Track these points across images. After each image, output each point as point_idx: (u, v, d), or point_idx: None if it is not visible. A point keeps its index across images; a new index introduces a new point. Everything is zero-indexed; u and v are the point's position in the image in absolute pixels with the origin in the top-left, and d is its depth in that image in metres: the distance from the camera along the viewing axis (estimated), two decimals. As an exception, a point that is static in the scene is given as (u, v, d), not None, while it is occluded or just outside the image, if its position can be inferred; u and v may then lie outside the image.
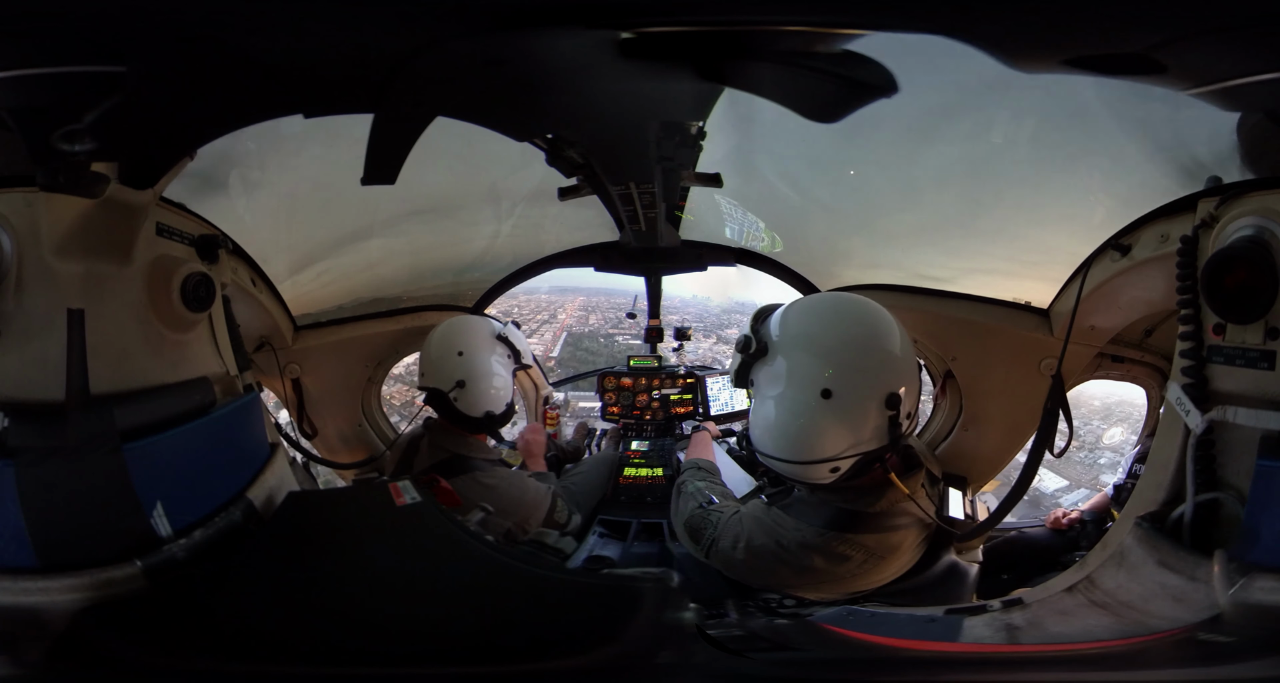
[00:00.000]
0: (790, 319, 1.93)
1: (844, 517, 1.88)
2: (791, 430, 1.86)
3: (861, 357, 1.84)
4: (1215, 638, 1.24)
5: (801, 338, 1.89)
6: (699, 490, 2.31)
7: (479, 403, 2.77)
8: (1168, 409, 1.63)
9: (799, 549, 1.89)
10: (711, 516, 2.13)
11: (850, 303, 2.00)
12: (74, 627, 1.40)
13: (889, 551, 1.91)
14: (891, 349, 1.86)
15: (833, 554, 1.87)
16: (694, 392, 3.68)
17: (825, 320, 1.93)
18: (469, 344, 2.84)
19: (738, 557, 1.97)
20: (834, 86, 1.70)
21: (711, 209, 3.25)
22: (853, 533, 1.87)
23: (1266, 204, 1.45)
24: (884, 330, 1.88)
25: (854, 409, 1.80)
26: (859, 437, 1.81)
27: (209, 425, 1.89)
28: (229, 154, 2.26)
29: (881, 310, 1.94)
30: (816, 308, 2.01)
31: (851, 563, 1.87)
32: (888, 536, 1.89)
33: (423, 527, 1.78)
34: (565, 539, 2.62)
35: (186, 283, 1.93)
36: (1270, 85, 1.37)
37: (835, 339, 1.88)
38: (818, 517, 1.90)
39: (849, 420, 1.81)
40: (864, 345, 1.86)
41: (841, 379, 1.80)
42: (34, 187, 1.54)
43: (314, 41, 1.45)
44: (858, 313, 1.93)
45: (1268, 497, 1.33)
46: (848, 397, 1.79)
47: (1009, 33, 1.41)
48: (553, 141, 2.46)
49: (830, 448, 1.82)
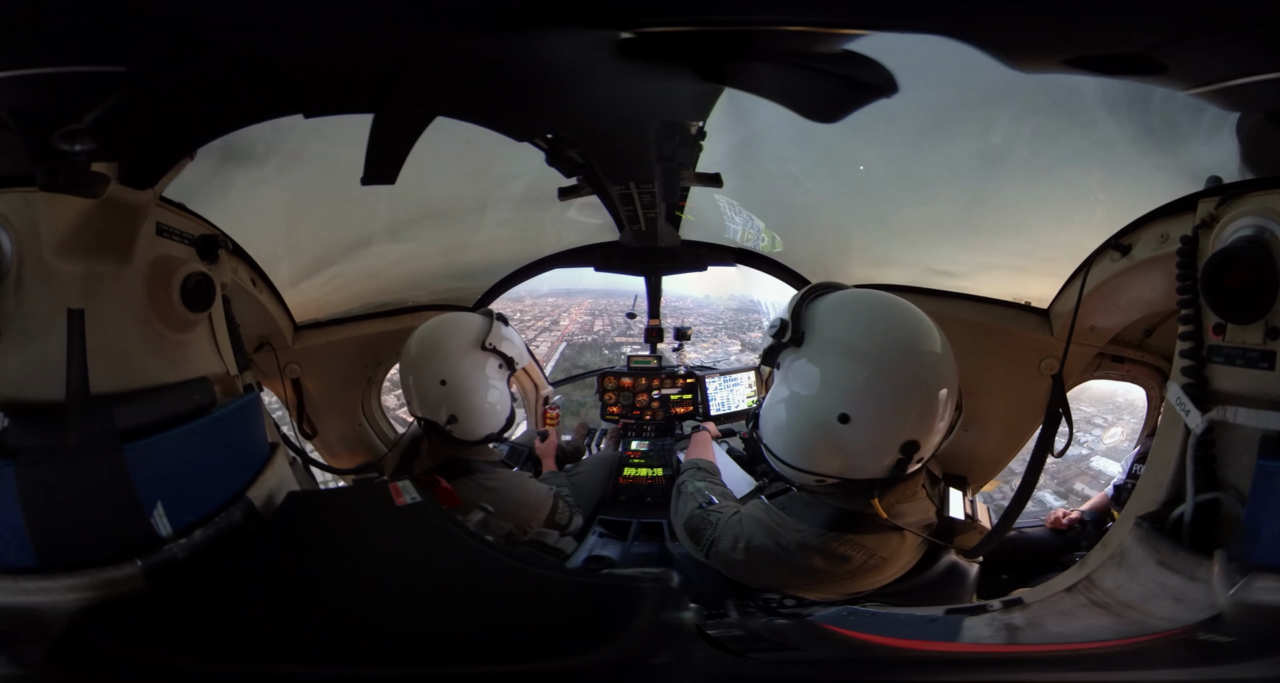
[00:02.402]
0: (837, 320, 1.75)
1: (843, 517, 1.87)
2: (794, 435, 1.81)
3: (896, 396, 1.68)
4: (1215, 638, 1.24)
5: (841, 347, 1.72)
6: (699, 491, 2.31)
7: (477, 430, 2.60)
8: (1168, 409, 1.63)
9: (799, 550, 1.88)
10: (711, 516, 2.12)
11: (910, 322, 1.73)
12: (74, 627, 1.40)
13: (891, 551, 1.90)
14: (932, 390, 1.68)
15: (833, 555, 1.87)
16: (694, 392, 3.68)
17: (874, 335, 1.72)
18: (452, 369, 2.52)
19: (737, 557, 1.97)
20: (834, 86, 1.70)
21: (711, 209, 3.25)
22: (852, 533, 1.86)
23: (1266, 204, 1.45)
24: (932, 366, 1.68)
25: (865, 443, 1.73)
26: (860, 465, 1.77)
27: (209, 425, 1.89)
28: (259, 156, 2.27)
29: (939, 339, 1.72)
30: (868, 316, 1.76)
31: (852, 563, 1.87)
32: (889, 536, 1.88)
33: (423, 527, 1.78)
34: (565, 539, 2.62)
35: (186, 283, 1.93)
36: (1270, 85, 1.37)
37: (876, 363, 1.68)
38: (816, 517, 1.89)
39: (854, 450, 1.74)
40: (904, 383, 1.67)
41: (867, 411, 1.68)
42: (34, 187, 1.53)
43: (314, 41, 1.45)
44: (911, 338, 1.70)
45: (1268, 497, 1.33)
46: (864, 430, 1.69)
47: (1009, 33, 1.41)
48: (553, 141, 2.46)
49: (825, 466, 1.78)
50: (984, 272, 2.78)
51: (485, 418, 2.61)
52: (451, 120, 1.94)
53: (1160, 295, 2.02)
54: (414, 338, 2.62)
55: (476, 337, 2.59)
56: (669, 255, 3.54)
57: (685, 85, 1.87)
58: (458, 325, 2.64)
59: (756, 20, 1.43)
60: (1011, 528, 2.03)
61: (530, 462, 3.29)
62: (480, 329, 2.62)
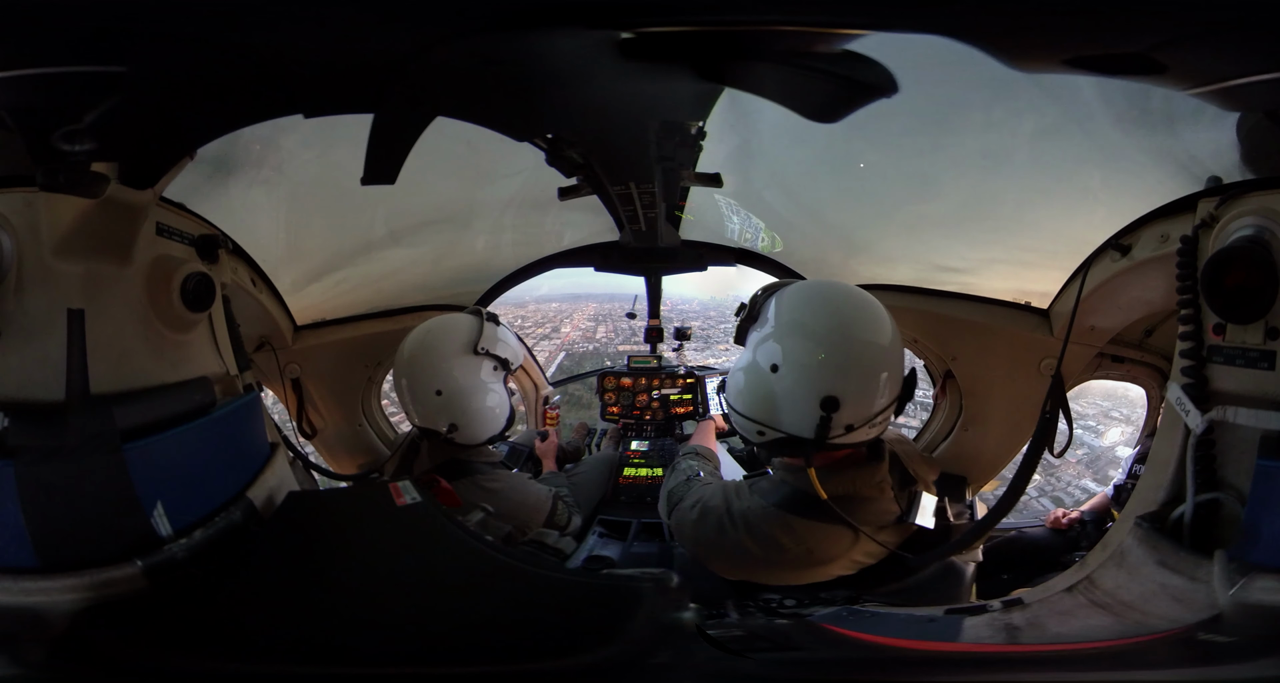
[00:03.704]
0: (784, 293, 1.97)
1: (795, 496, 1.91)
2: (739, 384, 1.97)
3: (810, 349, 1.85)
4: (1215, 638, 1.24)
5: (779, 312, 1.92)
6: (690, 468, 2.40)
7: (478, 436, 2.58)
8: (1168, 409, 1.63)
9: (740, 519, 1.94)
10: (692, 485, 2.22)
11: (840, 294, 1.96)
12: (74, 627, 1.40)
13: (822, 545, 1.90)
14: (852, 349, 1.84)
15: (766, 536, 1.91)
16: (694, 392, 3.68)
17: (806, 302, 1.94)
18: (446, 378, 2.48)
19: (691, 516, 2.05)
20: (834, 87, 1.70)
21: (711, 209, 3.25)
22: (796, 516, 1.89)
23: (1266, 204, 1.46)
24: (853, 329, 1.86)
25: (790, 394, 1.84)
26: (787, 415, 1.85)
27: (209, 425, 1.89)
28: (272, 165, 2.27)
29: (871, 312, 1.89)
30: (807, 289, 2.01)
31: (783, 550, 1.90)
32: (826, 528, 1.88)
33: (423, 527, 1.78)
34: (565, 540, 2.63)
35: (186, 283, 1.93)
36: (1270, 85, 1.37)
37: (797, 321, 1.90)
38: (774, 494, 1.95)
39: (781, 398, 1.86)
40: (820, 339, 1.86)
41: (789, 362, 1.85)
42: (34, 187, 1.54)
43: (314, 41, 1.45)
44: (836, 304, 1.91)
45: (1268, 497, 1.33)
46: (788, 380, 1.85)
47: (1009, 33, 1.41)
48: (553, 141, 2.46)
49: (758, 412, 1.91)
50: (989, 266, 2.78)
51: (485, 423, 2.59)
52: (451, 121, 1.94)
53: (1160, 295, 2.02)
54: (404, 347, 2.56)
55: (468, 341, 2.53)
56: (669, 255, 3.55)
57: (685, 85, 1.87)
58: (448, 332, 2.57)
59: (756, 20, 1.42)
60: (998, 524, 2.02)
61: (530, 462, 3.29)
62: (471, 333, 2.55)
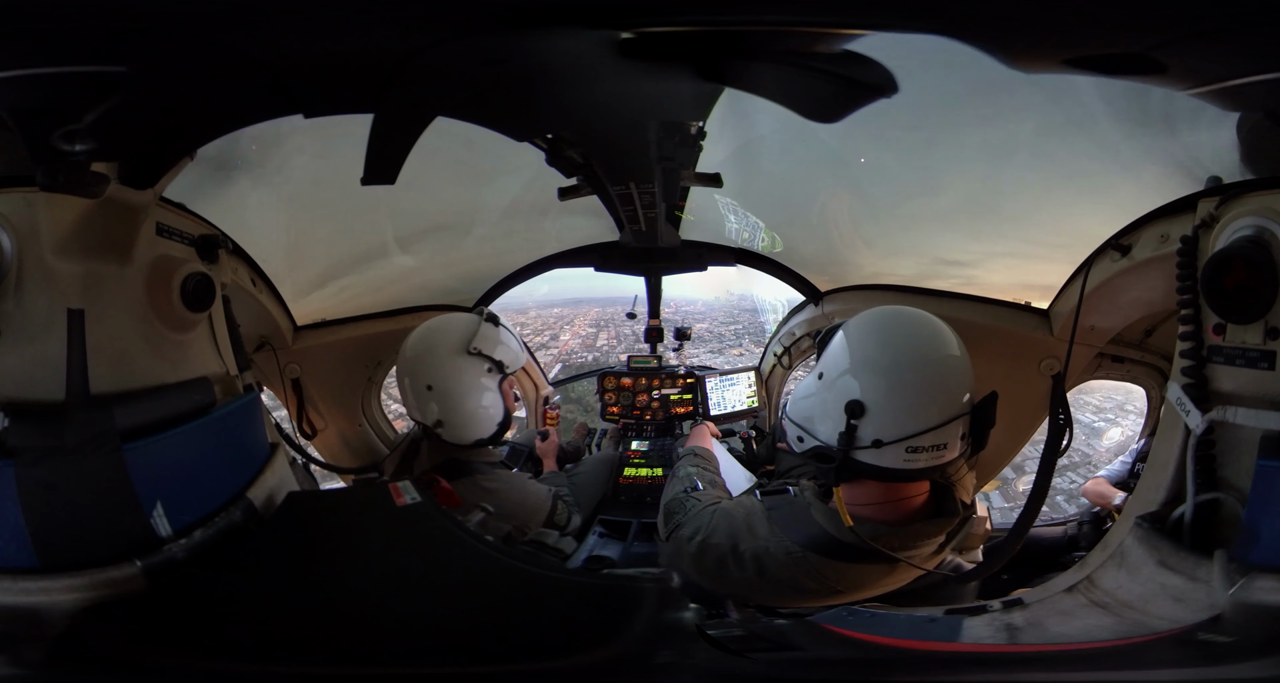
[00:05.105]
0: (852, 319, 1.94)
1: (825, 541, 1.79)
2: (798, 389, 1.98)
3: (839, 362, 1.83)
4: (1215, 638, 1.24)
5: (847, 333, 1.89)
6: (689, 475, 2.33)
7: (466, 435, 2.56)
8: (1168, 409, 1.63)
9: (750, 561, 1.84)
10: (689, 503, 2.13)
11: (901, 321, 1.92)
12: (74, 627, 1.40)
13: (850, 584, 1.82)
14: (871, 361, 1.80)
15: (782, 579, 1.81)
16: (694, 392, 3.68)
17: (864, 322, 1.91)
18: (438, 374, 2.49)
19: (689, 550, 1.96)
20: (834, 86, 1.70)
21: (711, 209, 3.25)
22: (829, 559, 1.79)
23: (1266, 204, 1.45)
24: (890, 347, 1.83)
25: (823, 399, 1.83)
26: (820, 421, 1.82)
27: (209, 425, 1.89)
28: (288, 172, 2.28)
29: (920, 333, 1.87)
30: (873, 315, 1.95)
31: (800, 587, 1.82)
32: (866, 566, 1.80)
33: (423, 527, 1.78)
34: (565, 540, 2.62)
35: (186, 283, 1.93)
36: (1270, 85, 1.37)
37: (855, 337, 1.87)
38: (798, 532, 1.83)
39: (815, 405, 1.85)
40: (850, 355, 1.83)
41: (831, 373, 1.84)
42: (34, 187, 1.53)
43: (314, 41, 1.45)
44: (891, 326, 1.90)
45: (1268, 497, 1.33)
46: (826, 386, 1.84)
47: (1009, 33, 1.41)
48: (553, 141, 2.45)
49: (797, 415, 1.92)
50: (993, 260, 2.77)
51: (473, 423, 2.56)
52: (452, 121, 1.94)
53: (1160, 295, 2.02)
54: (406, 342, 2.60)
55: (462, 341, 2.53)
56: (669, 255, 3.54)
57: (685, 85, 1.87)
58: (445, 330, 2.59)
59: (756, 20, 1.43)
60: (998, 525, 2.01)
61: (530, 462, 3.29)
62: (467, 332, 2.55)
